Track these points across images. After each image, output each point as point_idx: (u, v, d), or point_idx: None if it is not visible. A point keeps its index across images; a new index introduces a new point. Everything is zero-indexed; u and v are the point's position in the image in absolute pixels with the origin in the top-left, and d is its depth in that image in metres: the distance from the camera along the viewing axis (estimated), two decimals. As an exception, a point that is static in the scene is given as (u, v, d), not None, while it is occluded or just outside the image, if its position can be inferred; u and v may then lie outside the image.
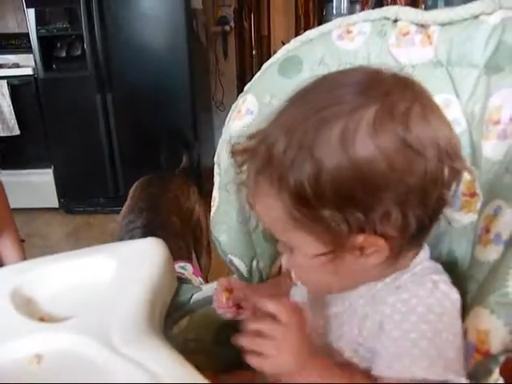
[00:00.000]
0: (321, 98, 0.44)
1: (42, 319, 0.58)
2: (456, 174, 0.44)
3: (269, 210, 0.46)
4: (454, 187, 0.45)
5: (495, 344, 0.43)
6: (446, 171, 0.43)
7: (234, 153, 0.50)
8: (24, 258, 1.08)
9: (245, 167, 0.48)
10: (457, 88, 0.58)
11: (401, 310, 0.45)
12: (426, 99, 0.44)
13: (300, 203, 0.42)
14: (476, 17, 0.56)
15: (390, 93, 0.42)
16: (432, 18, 0.60)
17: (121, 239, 1.07)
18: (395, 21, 0.64)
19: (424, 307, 0.44)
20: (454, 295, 0.47)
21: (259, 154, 0.45)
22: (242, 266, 0.72)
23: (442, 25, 0.59)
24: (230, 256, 0.72)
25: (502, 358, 0.43)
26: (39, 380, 0.48)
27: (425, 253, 0.50)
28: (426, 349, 0.43)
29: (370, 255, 0.45)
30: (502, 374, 0.44)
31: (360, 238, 0.43)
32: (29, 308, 0.59)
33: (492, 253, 0.48)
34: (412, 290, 0.46)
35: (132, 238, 1.05)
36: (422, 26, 0.61)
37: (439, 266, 0.50)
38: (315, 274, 0.48)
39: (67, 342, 0.51)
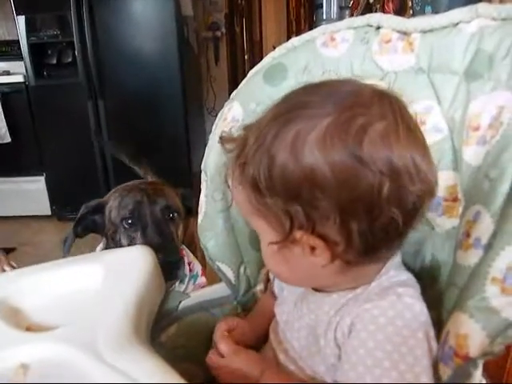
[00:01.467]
0: (295, 101, 0.47)
1: (28, 329, 0.58)
2: (415, 198, 0.43)
3: (238, 193, 0.50)
4: (417, 212, 0.45)
5: (474, 348, 0.43)
6: (398, 191, 0.42)
7: (222, 140, 0.55)
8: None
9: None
10: (438, 94, 0.59)
11: (363, 319, 0.47)
12: (398, 119, 0.44)
13: (255, 191, 0.46)
14: (455, 25, 0.57)
15: (353, 107, 0.43)
16: (413, 25, 0.61)
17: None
18: (378, 28, 0.65)
19: (384, 318, 0.46)
20: (417, 307, 0.47)
21: (238, 144, 0.50)
22: (229, 273, 0.72)
23: (423, 32, 0.60)
24: (217, 263, 0.73)
25: (480, 362, 0.43)
26: (25, 391, 0.48)
27: (393, 263, 0.52)
28: (380, 360, 0.44)
29: (318, 256, 0.46)
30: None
31: (298, 234, 0.45)
32: (15, 318, 0.59)
33: (472, 257, 0.49)
34: (375, 300, 0.48)
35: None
36: (404, 34, 0.62)
37: (409, 279, 0.51)
38: (271, 260, 0.52)
39: (54, 352, 0.51)
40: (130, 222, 1.00)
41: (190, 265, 1.07)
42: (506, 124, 0.49)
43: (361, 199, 0.42)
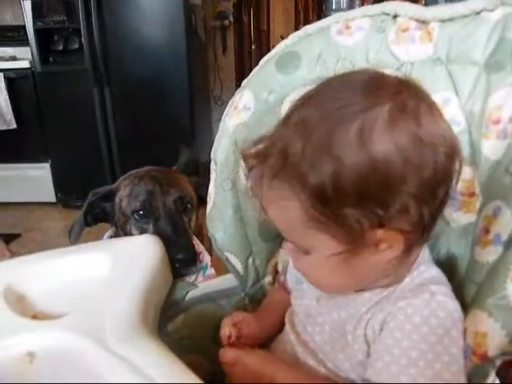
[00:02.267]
0: (332, 100, 0.44)
1: (34, 317, 0.58)
2: (458, 170, 0.45)
3: (285, 212, 0.46)
4: (457, 182, 0.46)
5: (492, 347, 0.42)
6: (454, 165, 0.44)
7: (244, 157, 0.50)
8: None
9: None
10: (456, 86, 0.57)
11: (397, 318, 0.46)
12: (428, 99, 0.45)
13: (320, 202, 0.42)
14: (477, 13, 0.55)
15: (398, 92, 0.43)
16: (432, 14, 0.59)
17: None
18: (395, 16, 0.63)
19: (419, 317, 0.45)
20: (451, 305, 0.47)
21: (273, 158, 0.44)
22: (237, 264, 0.72)
23: (443, 21, 0.59)
24: (225, 253, 0.72)
25: (499, 361, 0.42)
26: (31, 379, 0.47)
27: (423, 258, 0.51)
28: (415, 359, 0.43)
29: (384, 250, 0.45)
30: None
31: (379, 233, 0.43)
32: (22, 305, 0.58)
33: (491, 254, 0.48)
34: (409, 299, 0.47)
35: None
36: (422, 23, 0.60)
37: (440, 275, 0.50)
38: (328, 273, 0.49)
39: (60, 340, 0.50)
40: (141, 213, 0.96)
41: (199, 255, 1.04)
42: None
43: (430, 180, 0.42)
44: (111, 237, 1.07)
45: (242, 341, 0.61)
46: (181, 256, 0.85)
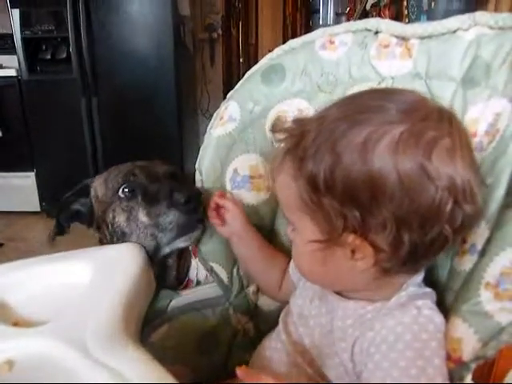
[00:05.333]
0: (364, 104, 0.47)
1: (15, 324, 0.57)
2: (465, 216, 0.44)
3: (285, 186, 0.49)
4: (463, 231, 0.46)
5: (467, 352, 0.43)
6: (454, 208, 0.43)
7: (274, 129, 0.55)
8: None
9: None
10: (435, 100, 0.59)
11: (388, 339, 0.46)
12: (460, 138, 0.44)
13: (311, 188, 0.45)
14: (453, 32, 0.58)
15: (426, 119, 0.43)
16: (411, 31, 0.62)
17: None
18: (376, 32, 0.65)
19: (410, 334, 0.45)
20: (438, 318, 0.47)
21: (293, 136, 0.49)
22: (222, 274, 0.72)
23: (422, 38, 0.61)
24: (210, 263, 0.72)
25: (473, 366, 0.43)
26: (10, 387, 0.47)
27: (416, 278, 0.51)
28: (416, 376, 0.43)
29: (359, 260, 0.46)
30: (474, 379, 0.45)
31: (350, 238, 0.45)
32: (2, 313, 0.58)
33: (467, 263, 0.49)
34: (397, 316, 0.47)
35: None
36: (403, 39, 0.63)
37: (426, 290, 0.51)
38: (307, 258, 0.51)
39: (40, 348, 0.50)
40: (126, 190, 0.77)
41: (196, 274, 0.95)
42: (502, 131, 0.49)
43: (419, 211, 0.42)
44: (100, 241, 0.98)
45: (221, 211, 0.67)
46: (182, 196, 0.68)
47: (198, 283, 0.77)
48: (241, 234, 0.67)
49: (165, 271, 0.81)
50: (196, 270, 0.77)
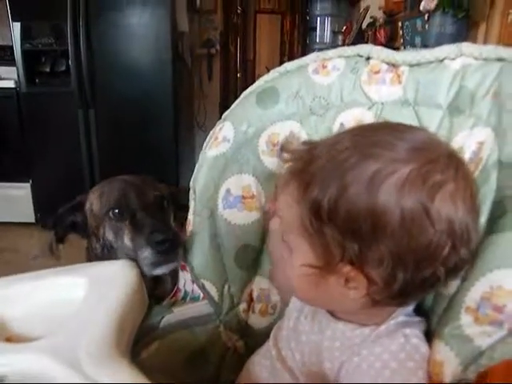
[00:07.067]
0: (376, 138, 0.47)
1: (8, 339, 0.58)
2: (459, 260, 0.45)
3: (287, 207, 0.50)
4: (455, 272, 0.47)
5: (447, 375, 0.44)
6: (450, 252, 0.44)
7: (283, 149, 0.55)
8: None
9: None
10: (422, 127, 0.61)
11: (374, 366, 0.47)
12: (464, 185, 0.45)
13: (313, 214, 0.45)
14: (441, 61, 0.60)
15: (434, 161, 0.44)
16: (402, 58, 0.64)
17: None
18: (368, 58, 0.67)
19: (396, 362, 0.46)
20: (423, 348, 0.48)
21: (301, 160, 0.49)
22: (213, 291, 0.73)
23: (411, 65, 0.63)
24: (202, 280, 0.73)
25: (454, 389, 0.44)
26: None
27: (407, 308, 0.52)
28: None
29: (351, 289, 0.47)
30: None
31: (347, 268, 0.45)
32: (-5, 328, 0.58)
33: (451, 287, 0.50)
34: (385, 344, 0.48)
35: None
36: (393, 66, 0.65)
37: (415, 320, 0.52)
38: (299, 279, 0.51)
39: (33, 364, 0.50)
40: (116, 211, 0.85)
41: (193, 282, 0.96)
42: (484, 160, 0.51)
43: (416, 251, 0.43)
44: (87, 248, 0.99)
45: None
46: (160, 237, 0.75)
47: (186, 293, 0.77)
48: None
49: (158, 283, 0.86)
50: (184, 280, 0.78)
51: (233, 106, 0.76)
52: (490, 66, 0.55)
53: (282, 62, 0.75)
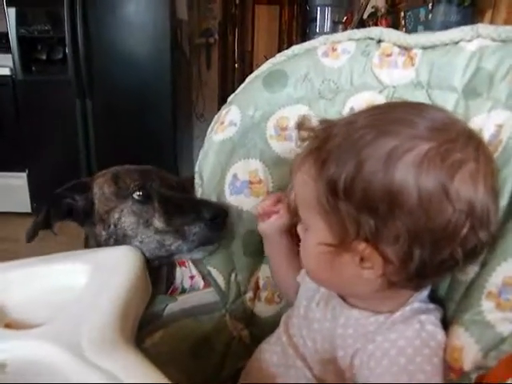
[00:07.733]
0: (395, 116, 0.46)
1: (8, 326, 0.56)
2: (478, 242, 0.44)
3: (303, 185, 0.49)
4: (474, 256, 0.46)
5: (467, 362, 0.43)
6: (469, 233, 0.43)
7: (299, 127, 0.54)
8: None
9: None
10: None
11: (389, 353, 0.46)
12: (485, 165, 0.44)
13: (330, 191, 0.45)
14: (456, 43, 0.58)
15: (454, 141, 0.43)
16: (415, 41, 0.62)
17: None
18: (379, 41, 0.66)
19: (412, 349, 0.45)
20: (439, 335, 0.47)
21: (319, 137, 0.49)
22: (219, 279, 0.71)
23: (424, 48, 0.61)
24: (208, 267, 0.72)
25: (474, 376, 0.43)
26: (1, 390, 0.46)
27: (422, 294, 0.51)
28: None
29: (366, 268, 0.46)
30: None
31: (362, 246, 0.45)
32: (-5, 314, 0.57)
33: (469, 273, 0.49)
34: (400, 330, 0.47)
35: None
36: (405, 49, 0.63)
37: (430, 306, 0.51)
38: (314, 259, 0.51)
39: (34, 350, 0.49)
40: (140, 193, 0.75)
41: (192, 279, 0.93)
42: (505, 142, 0.50)
43: (434, 230, 0.42)
44: (86, 238, 0.89)
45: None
46: (211, 212, 0.69)
47: (184, 290, 0.76)
48: (275, 238, 0.67)
49: (157, 278, 0.79)
50: (181, 277, 0.76)
51: (238, 89, 0.74)
52: (508, 47, 0.54)
53: (284, 50, 0.73)
